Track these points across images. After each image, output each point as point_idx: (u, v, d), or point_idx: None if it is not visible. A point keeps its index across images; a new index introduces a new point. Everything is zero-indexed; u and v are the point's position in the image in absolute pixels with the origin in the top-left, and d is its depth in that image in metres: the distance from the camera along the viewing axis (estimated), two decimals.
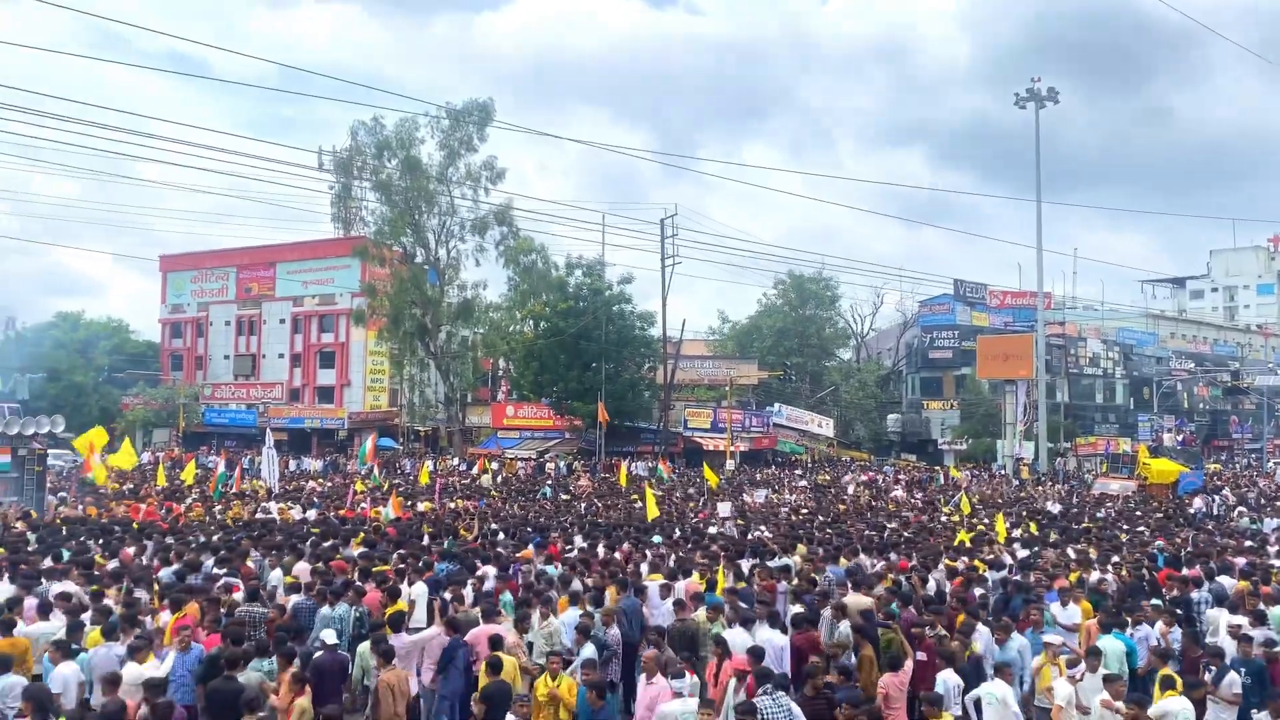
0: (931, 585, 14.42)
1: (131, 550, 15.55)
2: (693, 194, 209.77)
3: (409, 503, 26.83)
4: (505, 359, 60.06)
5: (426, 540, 18.19)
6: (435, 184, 49.19)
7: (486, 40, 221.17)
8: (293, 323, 65.37)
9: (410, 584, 13.51)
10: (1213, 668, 10.44)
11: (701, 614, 11.90)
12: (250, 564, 14.81)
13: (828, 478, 42.84)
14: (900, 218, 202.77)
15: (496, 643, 10.28)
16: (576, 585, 13.31)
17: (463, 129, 48.96)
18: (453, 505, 26.80)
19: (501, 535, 19.50)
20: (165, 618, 11.29)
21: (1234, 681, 10.11)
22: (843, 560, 16.19)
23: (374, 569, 14.20)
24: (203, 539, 17.33)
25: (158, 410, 61.88)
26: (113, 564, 14.69)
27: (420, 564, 14.75)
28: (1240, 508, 31.66)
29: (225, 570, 13.88)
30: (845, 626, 11.52)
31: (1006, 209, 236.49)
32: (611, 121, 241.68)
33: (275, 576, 14.07)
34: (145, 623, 11.03)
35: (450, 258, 51.05)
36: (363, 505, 25.90)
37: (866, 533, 20.71)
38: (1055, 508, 29.47)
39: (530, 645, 11.50)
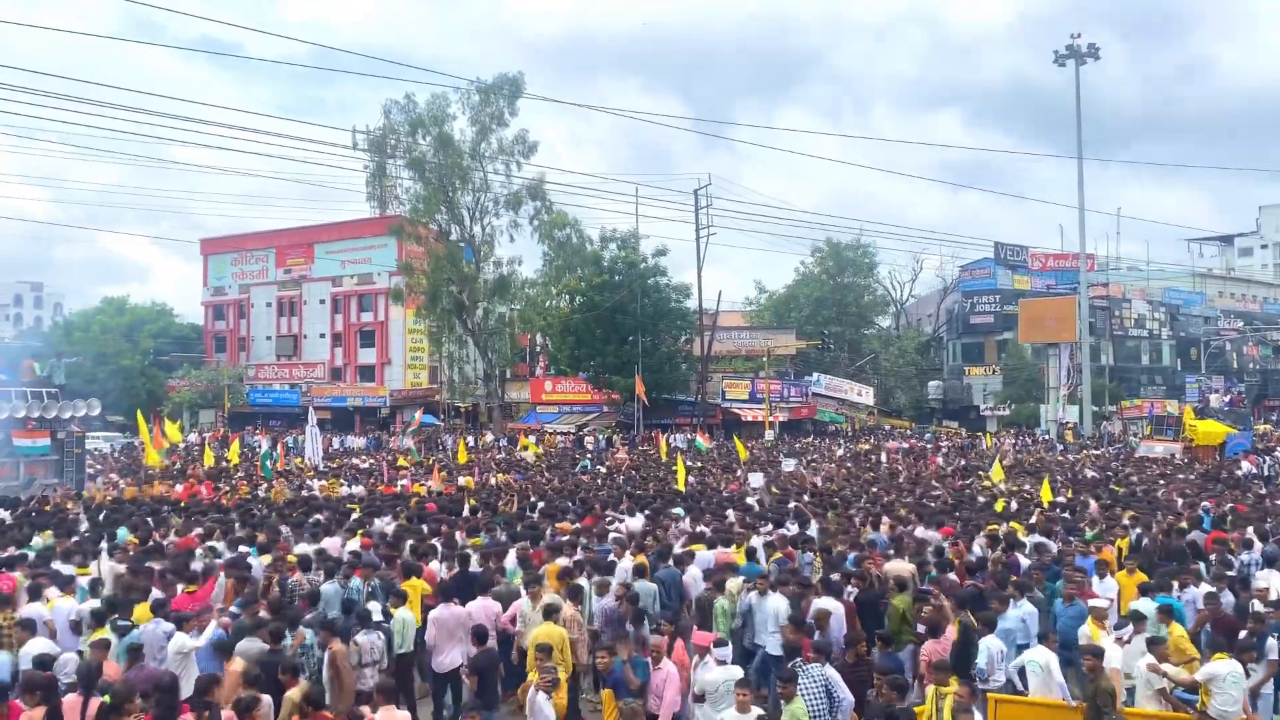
0: (975, 551, 14.35)
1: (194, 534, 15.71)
2: (726, 165, 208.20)
3: (450, 477, 27.16)
4: (542, 334, 60.32)
5: (468, 513, 18.42)
6: (468, 160, 49.31)
7: (517, 13, 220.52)
8: (332, 303, 66.13)
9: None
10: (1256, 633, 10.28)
11: (736, 583, 11.97)
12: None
13: (867, 446, 42.62)
14: (938, 180, 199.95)
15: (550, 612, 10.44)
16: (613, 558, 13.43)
17: (494, 104, 48.95)
18: (493, 480, 27.12)
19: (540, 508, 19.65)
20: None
21: (1273, 647, 9.96)
22: (884, 528, 16.17)
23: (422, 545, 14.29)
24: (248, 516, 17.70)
25: (203, 392, 63.05)
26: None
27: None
28: None
29: (253, 548, 14.10)
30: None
31: (1048, 170, 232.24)
32: (643, 92, 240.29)
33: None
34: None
35: (485, 234, 51.28)
36: (404, 481, 26.26)
37: (904, 500, 20.61)
38: (1091, 473, 29.09)
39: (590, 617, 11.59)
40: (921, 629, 10.80)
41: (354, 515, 17.52)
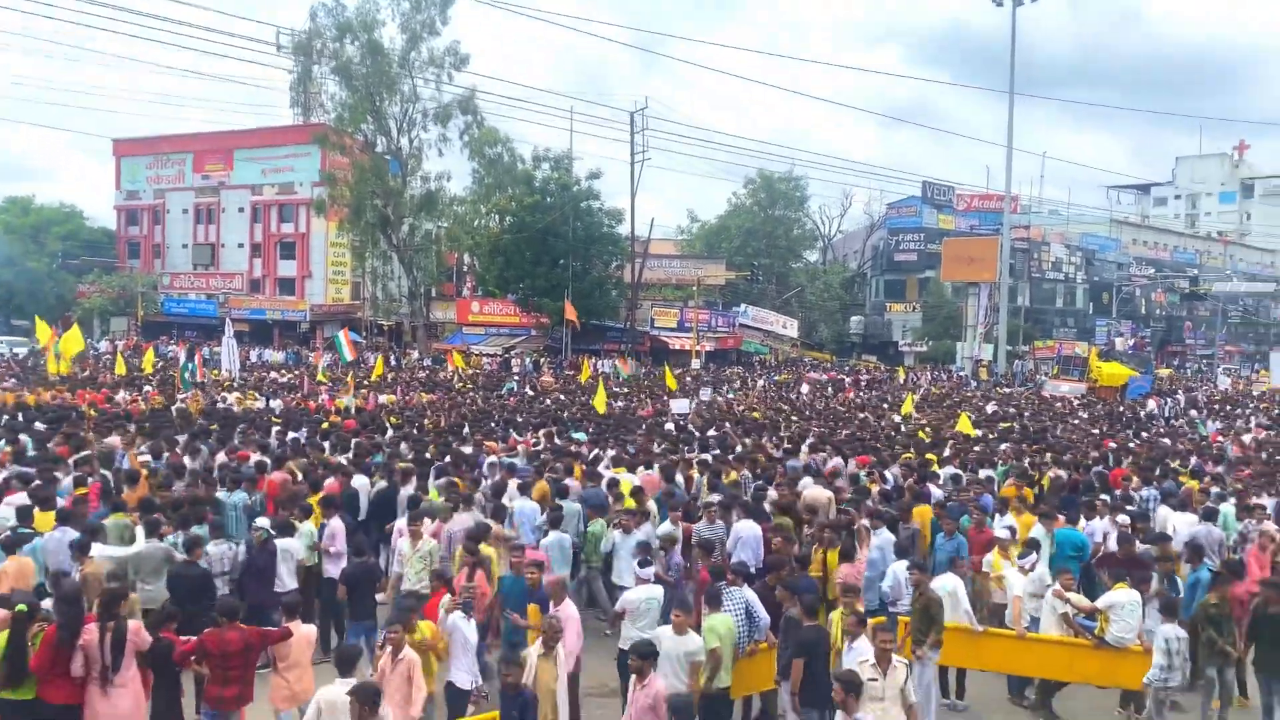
0: (890, 480, 14.73)
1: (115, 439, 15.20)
2: (664, 90, 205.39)
3: (369, 394, 26.77)
4: (470, 254, 59.45)
5: (390, 433, 18.21)
6: (397, 69, 47.75)
7: None
8: (252, 212, 63.95)
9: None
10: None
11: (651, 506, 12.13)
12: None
13: (789, 378, 43.28)
14: (872, 112, 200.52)
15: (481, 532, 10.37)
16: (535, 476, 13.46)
17: (425, 11, 47.39)
18: (417, 399, 26.85)
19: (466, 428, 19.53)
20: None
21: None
22: (802, 456, 16.48)
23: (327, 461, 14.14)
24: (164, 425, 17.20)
25: (114, 299, 60.86)
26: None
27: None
28: (1191, 411, 32.51)
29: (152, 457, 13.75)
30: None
31: (979, 111, 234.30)
32: (582, 11, 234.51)
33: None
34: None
35: (413, 147, 50.03)
36: (323, 396, 25.82)
37: (817, 430, 20.95)
38: (991, 407, 30.03)
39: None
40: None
41: (274, 429, 17.21)
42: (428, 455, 14.96)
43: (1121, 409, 31.30)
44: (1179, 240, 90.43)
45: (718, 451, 16.55)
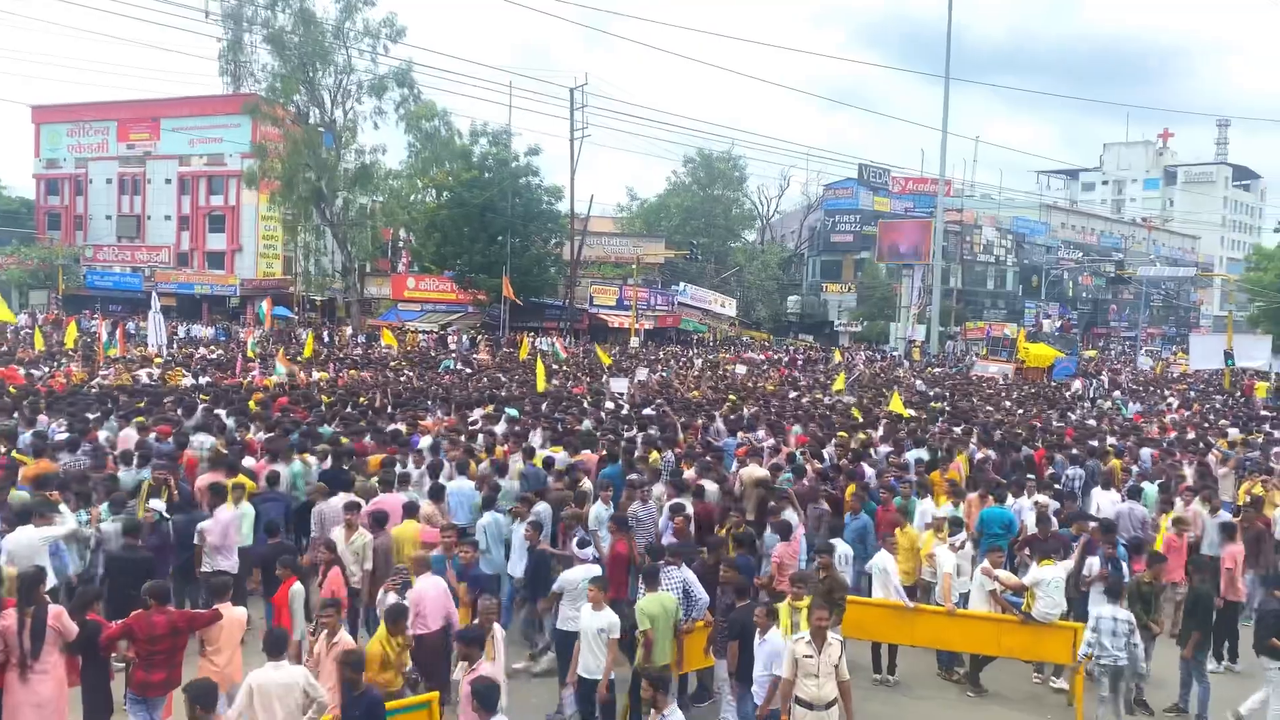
0: (826, 460, 14.87)
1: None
2: (606, 67, 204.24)
3: (301, 371, 26.25)
4: (406, 229, 58.57)
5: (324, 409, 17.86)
6: (331, 39, 46.63)
7: None
8: (179, 183, 62.14)
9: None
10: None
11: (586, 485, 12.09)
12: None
13: (733, 358, 43.48)
14: (811, 94, 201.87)
15: (410, 510, 10.33)
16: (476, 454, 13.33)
17: None
18: (351, 375, 26.40)
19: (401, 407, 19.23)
20: None
21: (1093, 563, 10.68)
22: (739, 434, 16.59)
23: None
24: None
25: (34, 271, 58.70)
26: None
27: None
28: (1116, 392, 33.46)
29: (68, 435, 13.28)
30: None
31: (917, 96, 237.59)
32: None
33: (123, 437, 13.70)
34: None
35: (347, 120, 48.98)
36: (254, 373, 25.27)
37: (752, 410, 21.05)
38: (920, 385, 30.58)
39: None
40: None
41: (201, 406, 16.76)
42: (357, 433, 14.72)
43: (1048, 389, 32.07)
44: (1105, 225, 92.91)
45: (653, 430, 16.52)
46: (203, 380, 23.36)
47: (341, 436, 14.41)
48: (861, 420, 19.70)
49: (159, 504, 10.23)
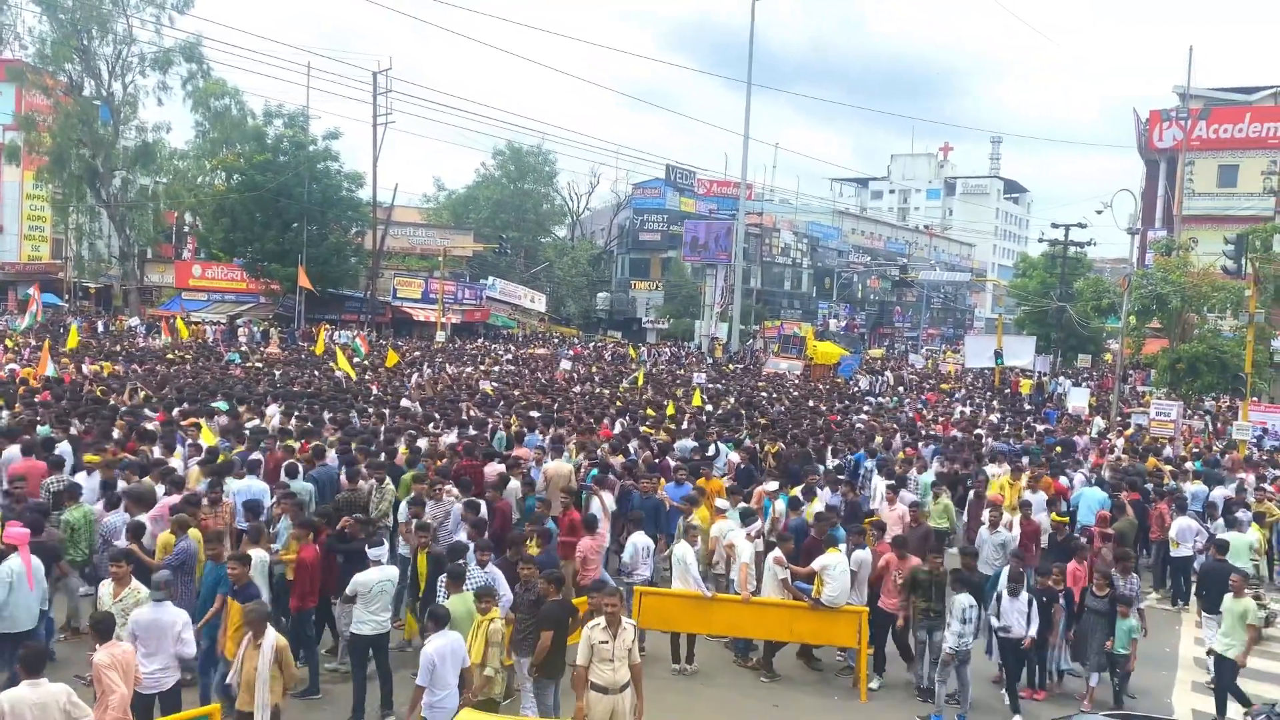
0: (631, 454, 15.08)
1: None
2: (414, 54, 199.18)
3: (69, 364, 24.11)
4: (192, 213, 54.94)
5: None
6: (109, 5, 43.14)
7: None
8: None
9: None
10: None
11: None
12: None
13: (549, 352, 43.31)
14: (619, 92, 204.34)
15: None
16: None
17: None
18: (120, 369, 24.47)
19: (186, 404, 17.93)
20: None
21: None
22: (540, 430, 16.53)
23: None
24: None
25: None
26: None
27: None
28: (900, 389, 35.71)
29: None
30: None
31: (722, 100, 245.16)
32: None
33: None
34: None
35: (127, 94, 45.60)
36: (12, 365, 23.02)
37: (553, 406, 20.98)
38: (700, 378, 31.49)
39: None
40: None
41: None
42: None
43: (841, 386, 33.86)
44: (891, 231, 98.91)
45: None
46: None
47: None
48: (657, 416, 20.11)
49: None
